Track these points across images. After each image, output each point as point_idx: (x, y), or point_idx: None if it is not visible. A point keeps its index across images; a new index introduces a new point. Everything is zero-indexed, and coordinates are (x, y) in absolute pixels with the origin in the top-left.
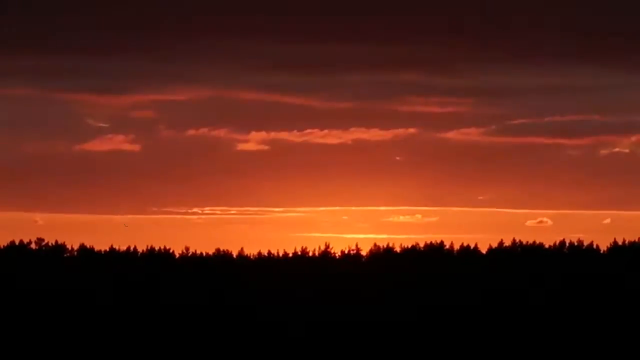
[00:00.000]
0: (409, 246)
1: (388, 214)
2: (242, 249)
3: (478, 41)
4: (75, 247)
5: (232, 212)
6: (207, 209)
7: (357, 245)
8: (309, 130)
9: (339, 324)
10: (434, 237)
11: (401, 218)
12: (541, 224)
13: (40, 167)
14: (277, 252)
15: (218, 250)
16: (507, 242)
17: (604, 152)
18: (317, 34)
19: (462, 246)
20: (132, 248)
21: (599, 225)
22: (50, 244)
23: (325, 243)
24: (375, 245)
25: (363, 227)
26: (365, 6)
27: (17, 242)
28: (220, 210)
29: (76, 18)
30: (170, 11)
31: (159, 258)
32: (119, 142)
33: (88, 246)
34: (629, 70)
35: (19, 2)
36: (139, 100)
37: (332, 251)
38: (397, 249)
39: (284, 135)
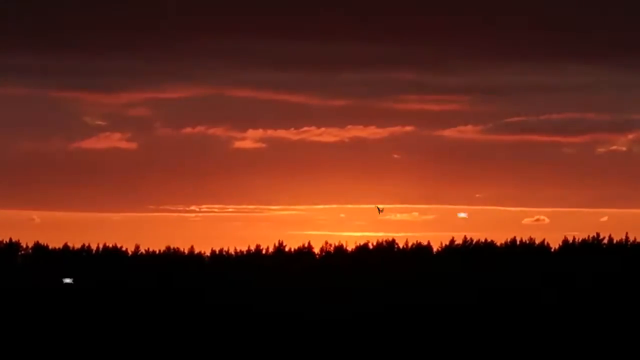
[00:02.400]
0: (360, 244)
1: (385, 212)
2: (192, 246)
3: (474, 39)
4: (31, 245)
5: (230, 210)
6: (204, 207)
7: (309, 243)
8: (305, 128)
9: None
10: (431, 235)
11: (398, 216)
12: (538, 222)
13: (37, 165)
14: (228, 249)
15: (168, 247)
16: (459, 241)
17: (600, 150)
18: (314, 33)
19: (413, 244)
20: (86, 246)
21: (596, 223)
22: (4, 241)
23: (279, 240)
24: (326, 242)
25: (360, 225)
26: (362, 5)
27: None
28: (218, 208)
29: (73, 17)
30: (168, 10)
31: (112, 256)
32: (116, 140)
33: (43, 244)
34: (626, 69)
35: (15, 1)
36: (136, 99)
37: (287, 249)
38: (350, 248)
39: (281, 133)
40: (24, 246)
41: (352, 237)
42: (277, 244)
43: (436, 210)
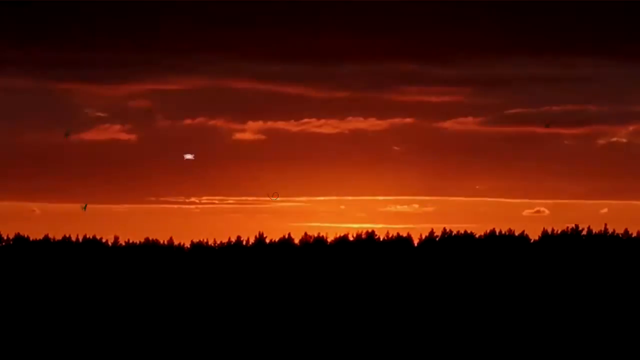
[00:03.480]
0: (340, 235)
1: (385, 204)
2: (171, 237)
3: (475, 31)
4: (11, 236)
5: (230, 201)
6: (204, 199)
7: (289, 235)
8: (306, 120)
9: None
10: (431, 227)
11: (398, 208)
12: (538, 213)
13: (37, 156)
14: (207, 241)
15: (147, 239)
16: (437, 232)
17: (601, 141)
18: (315, 24)
19: (392, 236)
20: (67, 237)
21: (596, 215)
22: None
23: (259, 232)
24: (305, 234)
25: (360, 216)
26: None
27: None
28: (218, 200)
29: (73, 8)
30: (167, 1)
31: (91, 247)
32: (116, 132)
33: (24, 235)
34: (627, 60)
35: None
36: (136, 90)
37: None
38: (330, 239)
39: (281, 124)
40: (5, 237)
41: (352, 228)
42: (257, 236)
43: (436, 202)
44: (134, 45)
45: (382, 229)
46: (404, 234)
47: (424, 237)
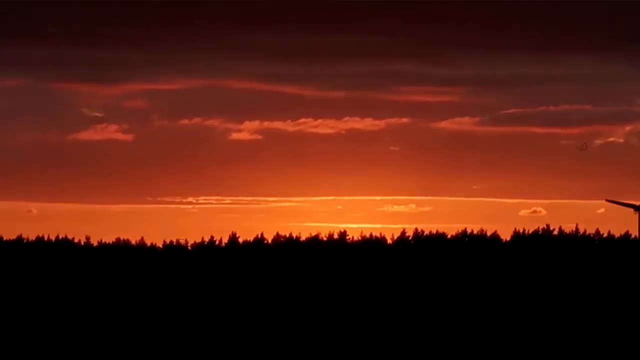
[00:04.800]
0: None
1: (382, 204)
2: (142, 238)
3: (471, 30)
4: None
5: (227, 201)
6: (201, 199)
7: (262, 234)
8: (302, 120)
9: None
10: (428, 227)
11: (395, 208)
12: (535, 213)
13: (34, 156)
14: (179, 240)
15: (118, 239)
16: (409, 233)
17: (598, 141)
18: (311, 24)
19: (365, 236)
20: (42, 236)
21: (593, 215)
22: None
23: (232, 232)
24: (277, 234)
25: (357, 216)
26: None
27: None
28: (215, 200)
29: (70, 7)
30: (165, 1)
31: (64, 248)
32: (113, 132)
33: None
34: (624, 60)
35: None
36: (132, 90)
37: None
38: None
39: (277, 124)
40: None
41: (349, 228)
42: (230, 235)
43: (433, 202)
44: (130, 45)
45: (380, 229)
46: (399, 233)
47: (395, 237)
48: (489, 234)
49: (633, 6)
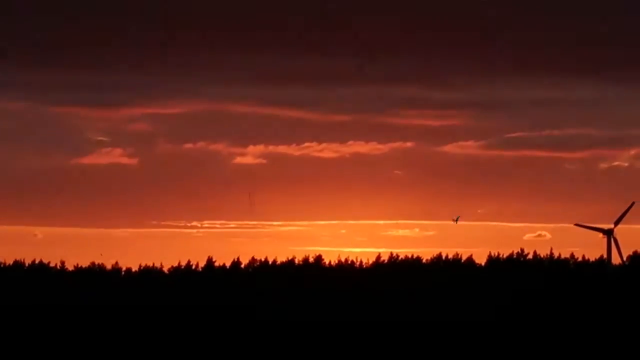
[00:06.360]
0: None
1: (386, 228)
2: (116, 262)
3: (475, 55)
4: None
5: (231, 225)
6: (206, 223)
7: (238, 259)
8: (307, 144)
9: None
10: (433, 251)
11: (399, 232)
12: (540, 237)
13: (39, 180)
14: (154, 264)
15: (93, 263)
16: (385, 257)
17: (603, 165)
18: (315, 48)
19: (340, 260)
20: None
21: (598, 239)
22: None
23: (208, 256)
24: (253, 258)
25: (361, 240)
26: (363, 20)
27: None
28: (219, 224)
29: (75, 33)
30: (169, 25)
31: (39, 272)
32: (118, 156)
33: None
34: (628, 84)
35: (16, 17)
36: (137, 114)
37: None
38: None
39: (282, 148)
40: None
41: (352, 252)
42: (207, 259)
43: (437, 226)
44: (135, 69)
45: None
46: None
47: (370, 262)
48: (464, 258)
49: (636, 29)
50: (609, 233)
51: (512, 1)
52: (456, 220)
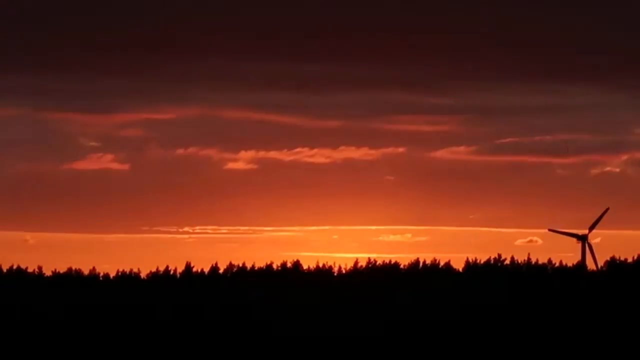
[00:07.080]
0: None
1: (378, 233)
2: (93, 267)
3: (467, 60)
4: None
5: (223, 231)
6: (197, 228)
7: (216, 264)
8: (298, 149)
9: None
10: (424, 257)
11: (391, 237)
12: (531, 243)
13: (30, 186)
14: (132, 270)
15: (70, 269)
16: (362, 262)
17: (594, 171)
18: (307, 53)
19: (317, 267)
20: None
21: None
22: None
23: (187, 261)
24: (230, 263)
25: (353, 246)
26: (354, 25)
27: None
28: (211, 230)
29: (67, 38)
30: (161, 31)
31: (16, 278)
32: (109, 161)
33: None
34: (619, 89)
35: (9, 24)
36: (129, 120)
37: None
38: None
39: (273, 154)
40: None
41: (344, 258)
42: (185, 265)
43: (429, 232)
44: (126, 75)
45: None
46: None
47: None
48: (441, 263)
49: (627, 36)
50: (583, 239)
51: (505, 7)
52: (567, 151)
